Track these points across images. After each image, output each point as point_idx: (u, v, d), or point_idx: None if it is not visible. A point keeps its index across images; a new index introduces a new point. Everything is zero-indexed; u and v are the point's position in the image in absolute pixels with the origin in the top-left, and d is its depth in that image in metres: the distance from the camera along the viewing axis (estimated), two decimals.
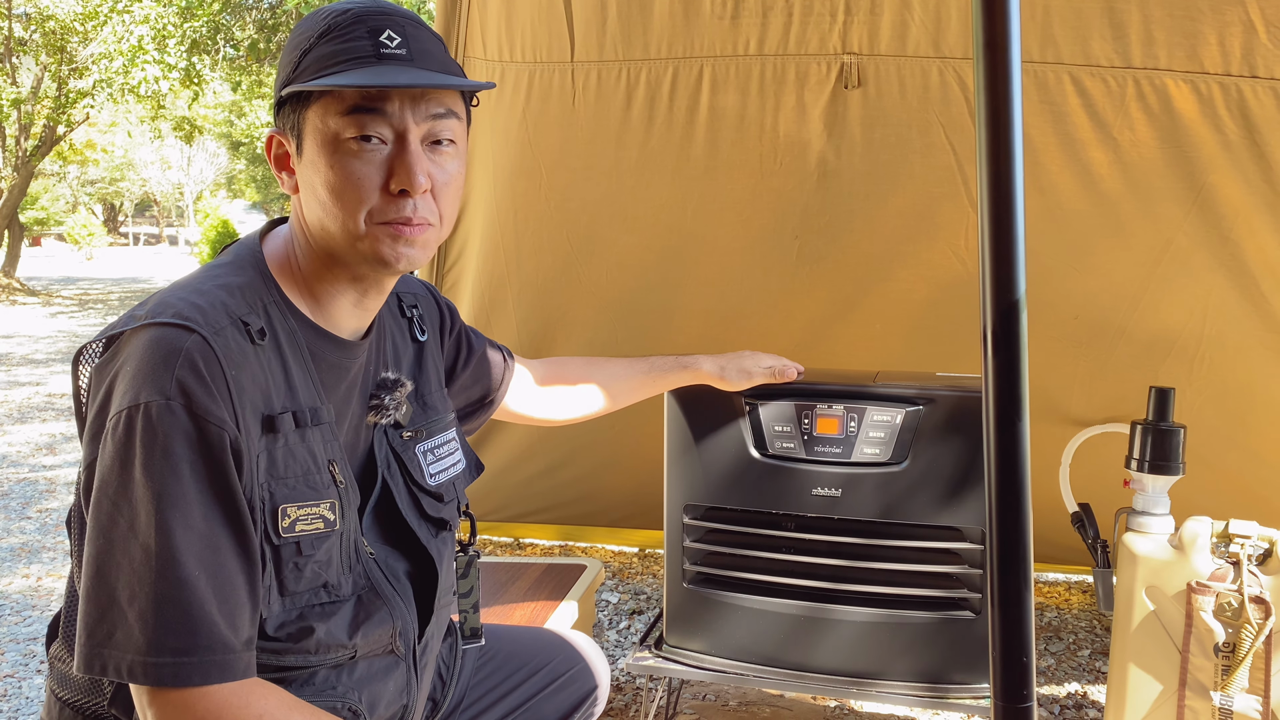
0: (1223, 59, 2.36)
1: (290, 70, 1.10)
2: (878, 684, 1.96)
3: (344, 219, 1.09)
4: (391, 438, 1.27)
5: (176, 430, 0.98)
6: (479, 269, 3.07)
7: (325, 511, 1.10)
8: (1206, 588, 1.89)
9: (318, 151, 1.09)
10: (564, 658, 1.60)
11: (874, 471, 1.91)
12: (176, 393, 0.98)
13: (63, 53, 15.53)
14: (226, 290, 1.09)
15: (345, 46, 1.08)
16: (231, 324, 1.05)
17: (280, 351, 1.10)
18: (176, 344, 1.00)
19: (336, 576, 1.12)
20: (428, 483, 1.29)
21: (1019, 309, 0.98)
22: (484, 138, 2.96)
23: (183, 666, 0.97)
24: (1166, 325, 2.62)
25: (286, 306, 1.13)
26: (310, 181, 1.11)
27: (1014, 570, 1.01)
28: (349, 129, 1.08)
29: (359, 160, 1.08)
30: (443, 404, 1.39)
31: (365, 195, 1.09)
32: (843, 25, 2.55)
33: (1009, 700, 1.02)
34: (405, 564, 1.25)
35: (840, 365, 2.81)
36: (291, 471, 1.08)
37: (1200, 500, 2.14)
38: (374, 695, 1.19)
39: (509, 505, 3.42)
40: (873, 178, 2.66)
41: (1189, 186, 2.47)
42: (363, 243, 1.10)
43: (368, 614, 1.16)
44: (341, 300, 1.18)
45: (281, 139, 1.14)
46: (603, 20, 2.72)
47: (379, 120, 1.08)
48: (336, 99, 1.08)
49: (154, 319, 1.02)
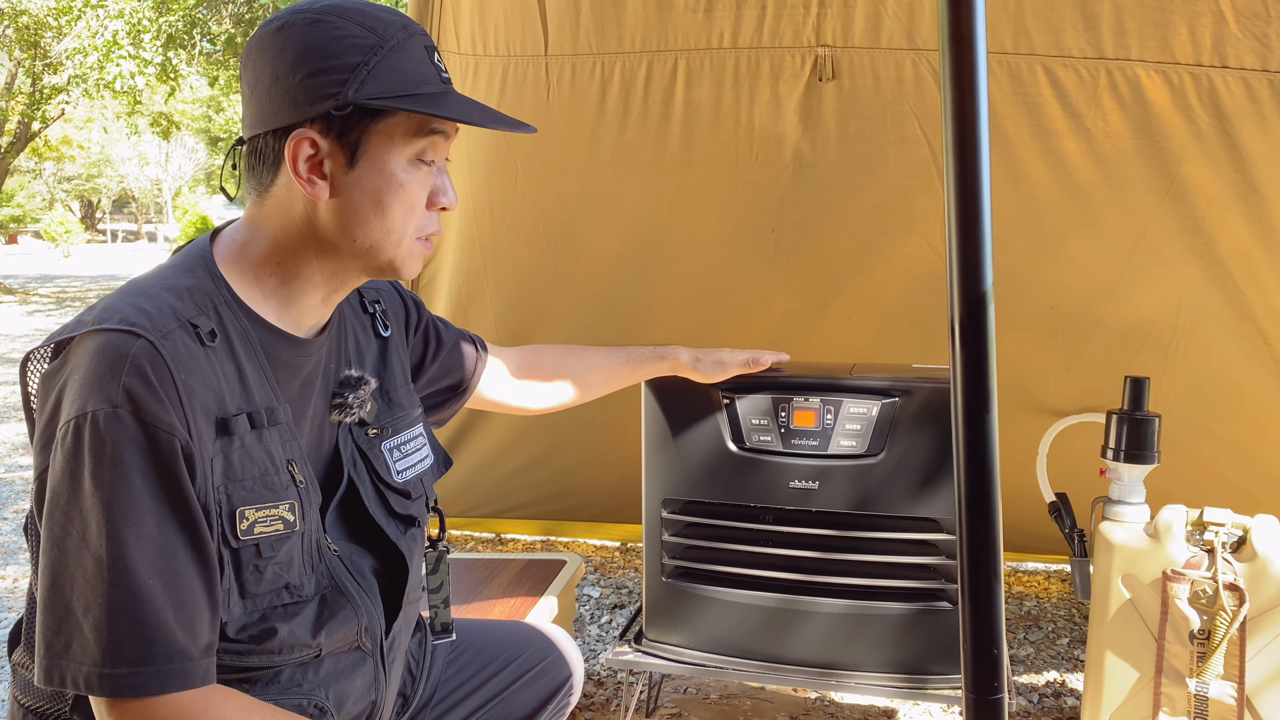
0: (1194, 49, 2.37)
1: (357, 80, 1.07)
2: (856, 675, 1.96)
3: (402, 233, 1.15)
4: (357, 435, 1.26)
5: (125, 438, 0.97)
6: (455, 264, 3.06)
7: (285, 513, 1.09)
8: (1181, 575, 1.90)
9: (383, 167, 1.11)
10: (536, 649, 1.60)
11: (851, 464, 1.92)
12: (124, 400, 0.97)
13: (36, 48, 15.37)
14: (174, 293, 1.07)
15: (417, 67, 1.11)
16: (180, 327, 1.03)
17: (233, 352, 1.09)
18: (123, 350, 0.98)
19: (298, 577, 1.12)
20: (395, 480, 1.28)
21: (986, 302, 0.97)
22: (459, 132, 2.94)
23: (139, 676, 0.96)
24: (1141, 315, 2.63)
25: (238, 306, 1.11)
26: (362, 193, 1.11)
27: (984, 563, 1.01)
28: (424, 151, 1.14)
29: (420, 178, 1.15)
30: (409, 400, 1.38)
31: (420, 212, 1.16)
32: (816, 17, 2.55)
33: (980, 692, 1.02)
34: (371, 560, 1.24)
35: (817, 358, 2.81)
36: (249, 474, 1.07)
37: (1175, 489, 2.15)
38: (341, 692, 1.18)
39: (490, 501, 3.41)
40: (848, 170, 2.66)
41: (1162, 177, 2.48)
42: (399, 255, 1.16)
43: (332, 613, 1.15)
44: (311, 298, 1.17)
45: (318, 142, 1.09)
46: (576, 14, 2.71)
47: (443, 144, 1.16)
48: (410, 119, 1.11)
49: (100, 325, 1.01)
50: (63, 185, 38.68)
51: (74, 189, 40.00)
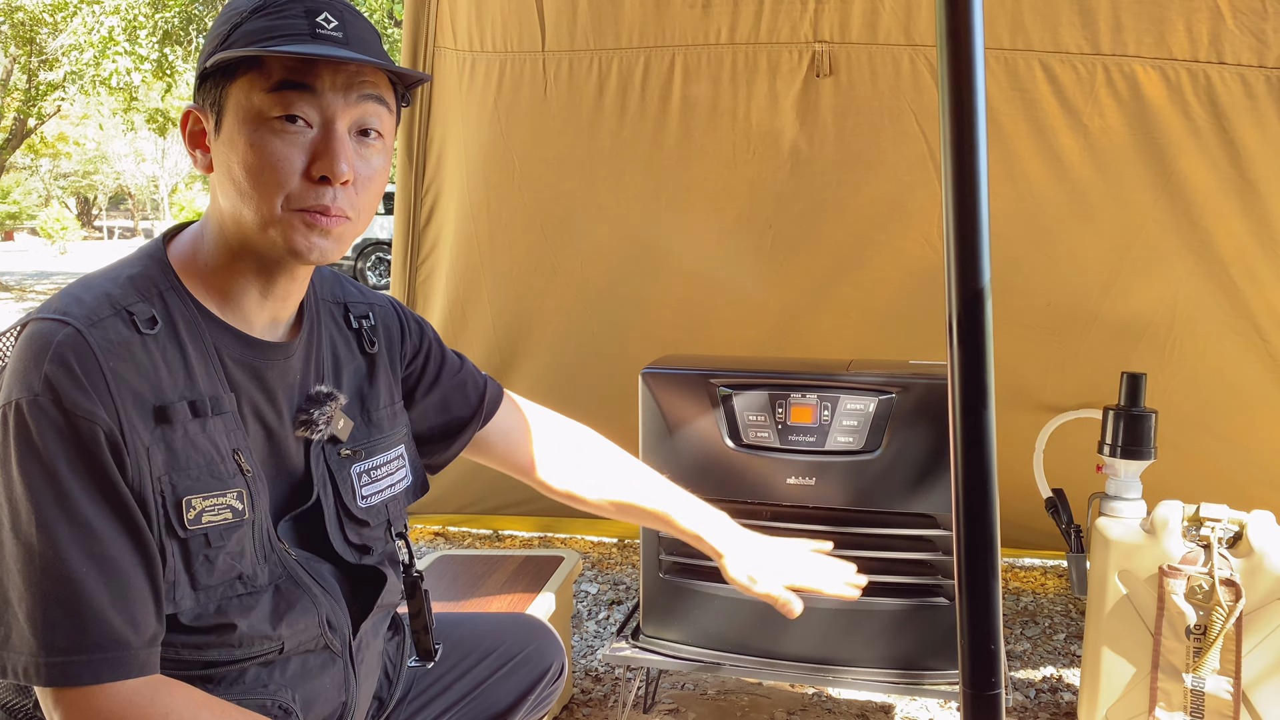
0: (1190, 45, 2.37)
1: (218, 43, 1.06)
2: (853, 670, 1.97)
3: (259, 201, 1.04)
4: (328, 454, 1.21)
5: (46, 426, 0.96)
6: (453, 261, 3.06)
7: (233, 501, 1.07)
8: (1178, 571, 1.91)
9: (238, 128, 1.04)
10: (515, 640, 1.55)
11: (848, 459, 1.92)
12: (44, 388, 0.96)
13: (32, 44, 15.36)
14: (115, 281, 1.06)
15: (279, 23, 1.03)
16: (115, 314, 1.02)
17: (178, 339, 1.06)
18: (48, 338, 0.98)
19: (251, 567, 1.09)
20: (356, 505, 1.23)
21: (984, 298, 0.97)
22: (455, 128, 2.94)
23: (72, 665, 0.95)
24: (1138, 311, 2.63)
25: (186, 295, 1.09)
26: (226, 160, 1.06)
27: (981, 559, 1.01)
28: (274, 106, 1.03)
29: (281, 140, 1.03)
30: (391, 421, 1.32)
31: (284, 178, 1.04)
32: (814, 13, 2.55)
33: (976, 688, 1.02)
34: (330, 565, 1.21)
35: (814, 353, 2.82)
36: (193, 462, 1.04)
37: (1172, 484, 2.15)
38: (309, 693, 1.16)
39: (488, 497, 3.41)
40: (845, 166, 2.66)
41: (1159, 172, 2.49)
42: (275, 229, 1.05)
43: (289, 604, 1.12)
44: (248, 294, 1.13)
45: (199, 114, 1.09)
46: (573, 9, 2.70)
47: (307, 100, 1.04)
48: (263, 74, 1.03)
49: (37, 315, 1.01)
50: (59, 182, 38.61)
51: (70, 185, 39.92)
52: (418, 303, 3.18)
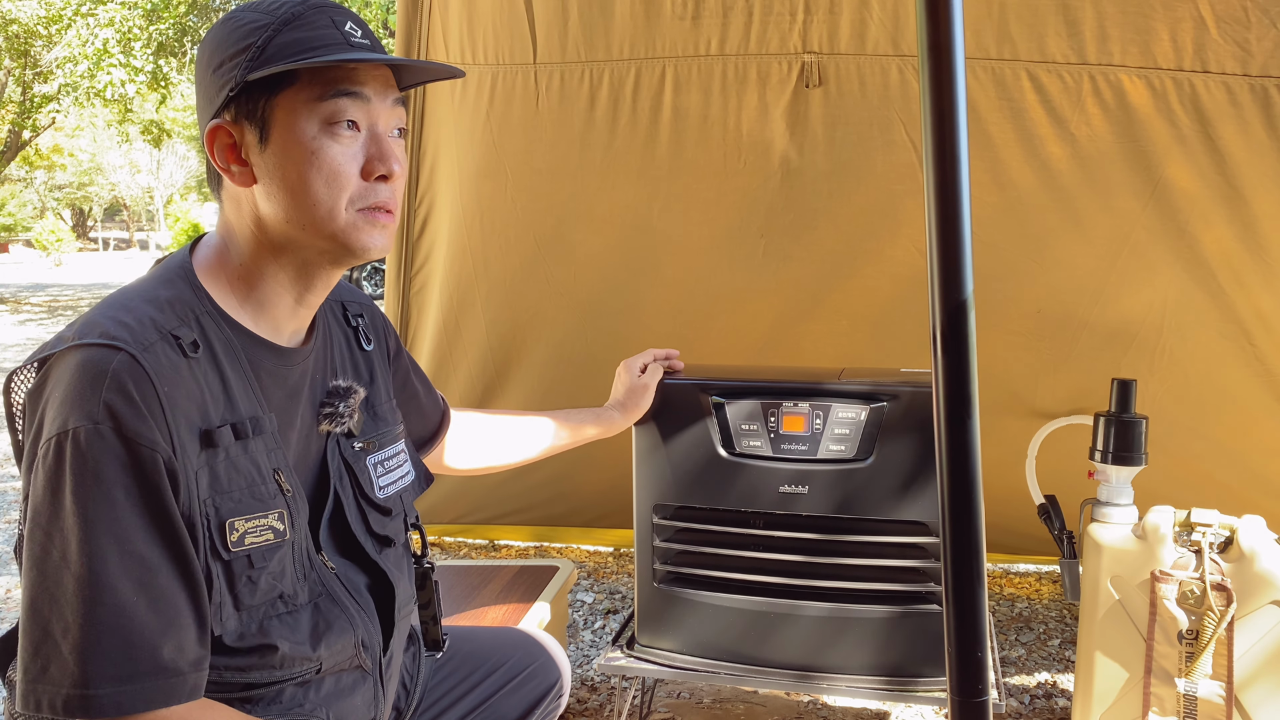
0: (1175, 54, 2.39)
1: (251, 58, 1.07)
2: (846, 678, 1.97)
3: (326, 205, 1.09)
4: (344, 447, 1.25)
5: (107, 454, 0.96)
6: (446, 271, 3.07)
7: (274, 522, 1.09)
8: (1169, 576, 1.92)
9: (294, 137, 1.08)
10: (523, 654, 1.59)
11: (839, 468, 1.93)
12: (105, 416, 0.96)
13: (26, 56, 15.36)
14: (155, 305, 1.06)
15: (315, 34, 1.08)
16: (161, 339, 1.03)
17: (217, 362, 1.08)
18: (103, 365, 0.97)
19: (291, 585, 1.11)
20: (377, 495, 1.27)
21: (967, 309, 0.99)
22: (448, 140, 2.95)
23: (124, 694, 0.95)
24: (1127, 317, 2.65)
25: (220, 316, 1.11)
26: (279, 169, 1.09)
27: (966, 567, 1.02)
28: (331, 114, 1.08)
29: (340, 145, 1.09)
30: (392, 415, 1.37)
31: (347, 181, 1.10)
32: (803, 24, 2.57)
33: (965, 694, 1.04)
34: (365, 578, 1.24)
35: (806, 362, 2.83)
36: (235, 484, 1.06)
37: (1163, 490, 2.17)
38: (341, 711, 1.18)
39: (483, 507, 3.42)
40: (835, 176, 2.68)
41: (1146, 180, 2.50)
42: (341, 230, 1.11)
43: (328, 623, 1.15)
44: (283, 301, 1.16)
45: (232, 129, 1.11)
46: (564, 22, 2.72)
47: (358, 106, 1.10)
48: (313, 84, 1.08)
49: (81, 340, 1.00)
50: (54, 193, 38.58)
51: (65, 197, 39.89)
52: (412, 313, 3.19)
